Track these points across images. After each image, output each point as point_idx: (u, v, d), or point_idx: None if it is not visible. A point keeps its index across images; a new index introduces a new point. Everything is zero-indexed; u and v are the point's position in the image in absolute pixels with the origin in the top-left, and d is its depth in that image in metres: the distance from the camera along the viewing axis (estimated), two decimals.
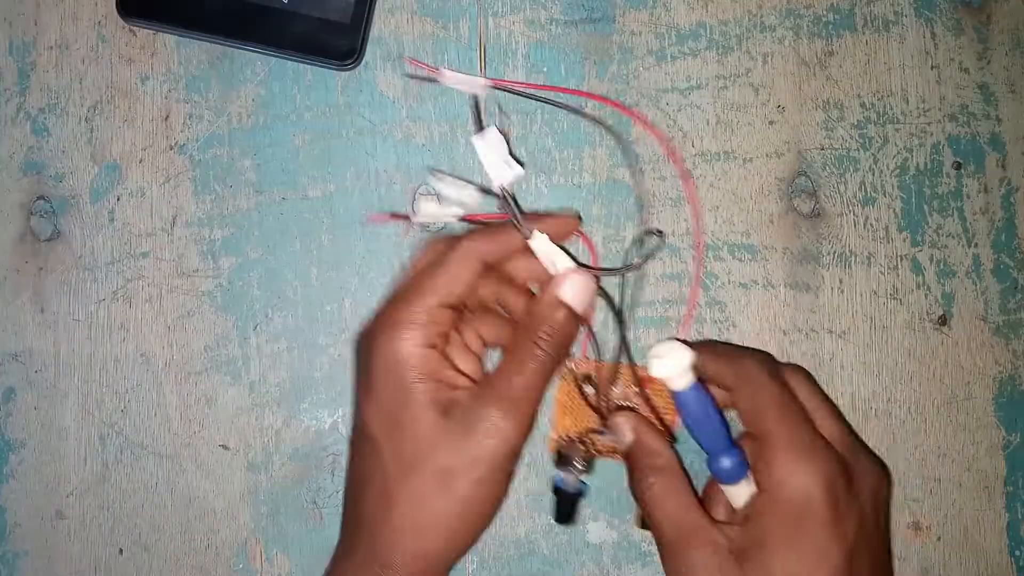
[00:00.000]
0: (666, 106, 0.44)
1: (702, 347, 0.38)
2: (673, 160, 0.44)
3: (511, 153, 0.41)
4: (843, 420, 0.39)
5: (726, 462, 0.37)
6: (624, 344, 0.42)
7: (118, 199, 0.44)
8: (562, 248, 0.39)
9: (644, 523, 0.39)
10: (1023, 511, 0.44)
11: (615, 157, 0.44)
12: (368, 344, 0.37)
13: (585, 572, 0.44)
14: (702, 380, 0.37)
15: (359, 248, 0.44)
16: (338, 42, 0.43)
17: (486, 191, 0.42)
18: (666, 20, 0.45)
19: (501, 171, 0.40)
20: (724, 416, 0.38)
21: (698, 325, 0.44)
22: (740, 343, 0.44)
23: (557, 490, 0.42)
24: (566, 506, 0.42)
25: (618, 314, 0.42)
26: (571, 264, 0.39)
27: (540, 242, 0.39)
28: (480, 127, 0.41)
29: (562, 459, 0.42)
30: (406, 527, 0.36)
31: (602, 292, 0.42)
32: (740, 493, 0.37)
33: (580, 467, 0.42)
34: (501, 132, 0.41)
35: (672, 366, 0.36)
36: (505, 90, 0.44)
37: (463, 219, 0.42)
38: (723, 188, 0.44)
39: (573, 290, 0.37)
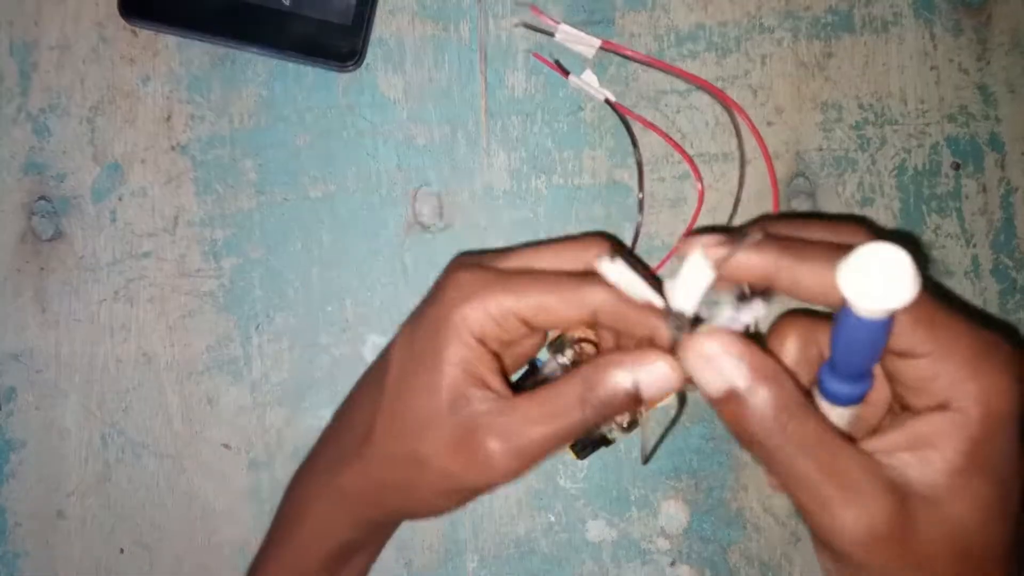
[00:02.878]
0: (665, 107, 0.45)
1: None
2: (755, 139, 0.44)
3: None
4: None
5: (863, 385, 0.30)
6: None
7: (120, 199, 0.44)
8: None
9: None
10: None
11: (615, 158, 0.44)
12: (450, 277, 0.34)
13: (585, 571, 0.44)
14: None
15: (360, 248, 0.44)
16: (339, 43, 0.43)
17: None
18: (665, 22, 0.45)
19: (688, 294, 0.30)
20: None
21: None
22: None
23: None
24: (587, 443, 0.42)
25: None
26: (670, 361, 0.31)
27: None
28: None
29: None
30: (369, 470, 0.35)
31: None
32: (843, 416, 0.31)
33: (619, 422, 0.41)
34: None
35: (886, 297, 0.25)
36: (615, 54, 0.44)
37: (608, 101, 0.43)
38: (722, 190, 0.44)
39: (653, 382, 0.31)
